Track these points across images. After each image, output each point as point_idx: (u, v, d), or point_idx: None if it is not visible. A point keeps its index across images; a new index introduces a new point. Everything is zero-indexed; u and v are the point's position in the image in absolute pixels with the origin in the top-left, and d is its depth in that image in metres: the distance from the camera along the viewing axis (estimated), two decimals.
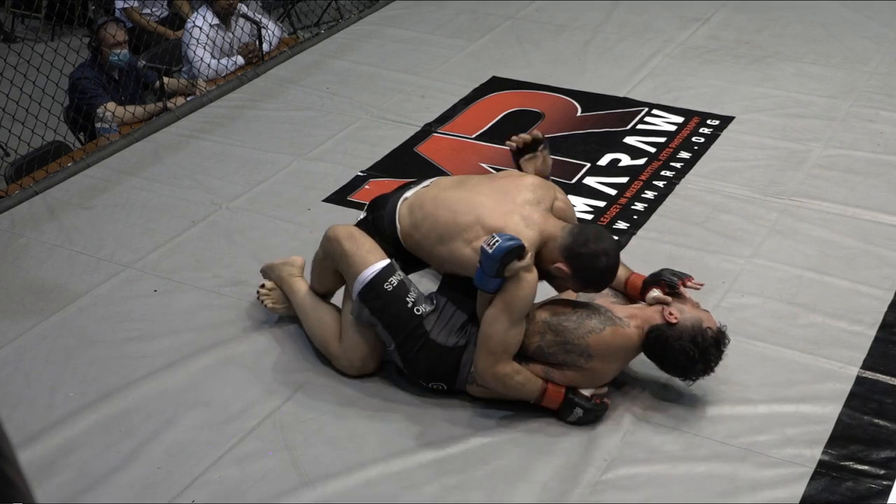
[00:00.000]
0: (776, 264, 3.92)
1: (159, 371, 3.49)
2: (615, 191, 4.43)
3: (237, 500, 2.95)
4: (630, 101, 5.21)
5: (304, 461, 3.08)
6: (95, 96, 5.26)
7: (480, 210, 3.14)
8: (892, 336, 3.52)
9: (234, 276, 3.97)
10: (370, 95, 5.37)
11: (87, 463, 3.12)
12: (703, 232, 4.12)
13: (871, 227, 4.12)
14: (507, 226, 3.04)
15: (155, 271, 4.02)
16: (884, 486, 2.93)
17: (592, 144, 4.82)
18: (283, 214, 4.37)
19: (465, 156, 4.77)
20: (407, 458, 3.08)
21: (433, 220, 3.22)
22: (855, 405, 3.23)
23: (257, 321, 3.71)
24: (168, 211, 4.43)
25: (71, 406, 3.35)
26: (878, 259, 3.93)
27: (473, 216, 3.13)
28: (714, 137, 4.83)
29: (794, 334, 3.54)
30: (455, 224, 3.15)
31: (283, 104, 5.35)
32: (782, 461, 3.02)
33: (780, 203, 4.30)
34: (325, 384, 3.40)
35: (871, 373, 3.36)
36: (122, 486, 3.02)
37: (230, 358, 3.54)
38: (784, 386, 3.31)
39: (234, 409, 3.30)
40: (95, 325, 3.74)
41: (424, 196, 3.32)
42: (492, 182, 3.34)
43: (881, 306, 3.67)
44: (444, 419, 3.23)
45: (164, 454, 3.14)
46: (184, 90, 5.64)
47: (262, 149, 4.91)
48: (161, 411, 3.31)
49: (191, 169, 4.76)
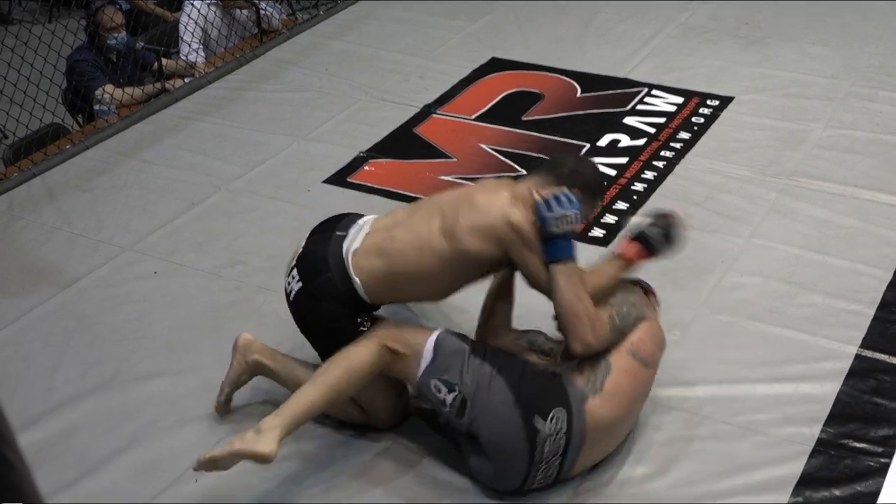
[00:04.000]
0: (775, 244, 3.92)
1: (159, 353, 3.49)
2: (615, 171, 4.43)
3: (240, 482, 2.96)
4: (630, 81, 5.20)
5: (303, 442, 3.09)
6: (93, 78, 5.25)
7: (457, 204, 2.91)
8: (890, 315, 3.53)
9: (234, 257, 3.97)
10: (369, 76, 5.36)
11: (87, 446, 3.12)
12: (703, 212, 4.11)
13: (870, 207, 4.12)
14: (492, 203, 2.84)
15: (154, 253, 4.02)
16: (882, 463, 2.94)
17: (592, 125, 4.81)
18: (282, 196, 4.37)
19: (464, 137, 4.77)
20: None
21: (409, 243, 2.89)
22: (853, 384, 3.23)
23: (257, 303, 3.71)
24: (167, 193, 4.42)
25: (71, 389, 3.35)
26: (877, 238, 3.93)
27: (455, 208, 2.88)
28: (714, 118, 4.82)
29: (793, 314, 3.55)
30: (443, 226, 2.87)
31: (281, 85, 5.34)
32: (781, 440, 3.03)
33: (779, 183, 4.29)
34: None
35: (869, 352, 3.37)
36: (123, 469, 3.03)
37: (230, 340, 3.52)
38: (783, 365, 3.31)
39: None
40: (95, 307, 3.74)
41: (379, 238, 2.93)
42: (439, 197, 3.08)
43: (880, 285, 3.67)
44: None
45: (163, 435, 3.14)
46: (182, 72, 5.62)
47: (262, 130, 4.90)
48: (161, 392, 3.32)
49: (190, 150, 4.76)
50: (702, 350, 3.38)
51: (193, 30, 5.71)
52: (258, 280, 3.84)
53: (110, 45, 5.32)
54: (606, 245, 3.89)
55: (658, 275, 3.67)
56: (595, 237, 3.97)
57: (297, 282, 2.96)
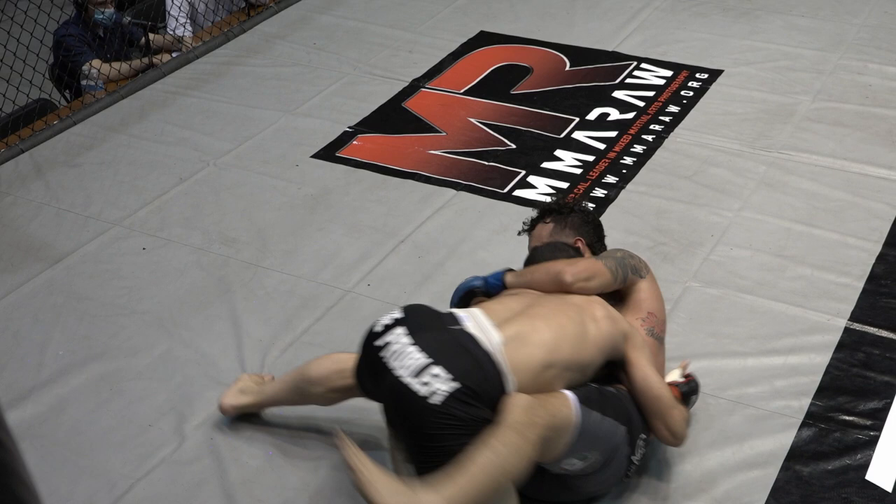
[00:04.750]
0: (765, 217, 3.91)
1: (149, 329, 3.48)
2: (604, 145, 4.41)
3: (231, 458, 2.96)
4: (619, 55, 5.17)
5: (292, 416, 3.08)
6: (80, 53, 5.20)
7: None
8: (879, 288, 3.53)
9: (223, 232, 3.95)
10: (358, 51, 5.33)
11: (78, 421, 3.11)
12: (692, 185, 4.10)
13: (859, 180, 4.11)
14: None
15: (143, 229, 4.00)
16: (871, 436, 2.95)
17: (581, 99, 4.79)
18: (271, 171, 4.35)
19: (453, 111, 4.74)
20: None
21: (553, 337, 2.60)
22: (843, 357, 3.24)
23: (246, 277, 3.69)
24: (156, 168, 4.39)
25: (60, 364, 3.34)
26: (866, 211, 3.93)
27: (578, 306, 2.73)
28: (703, 91, 4.80)
29: (783, 287, 3.55)
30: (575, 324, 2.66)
31: (270, 60, 5.30)
32: (771, 413, 3.03)
33: (768, 156, 4.29)
34: (314, 341, 3.40)
35: (858, 324, 3.37)
36: (114, 445, 3.02)
37: (220, 315, 3.53)
38: (772, 338, 3.31)
39: (223, 366, 3.29)
40: (84, 283, 3.72)
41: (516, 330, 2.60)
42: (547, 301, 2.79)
43: (869, 258, 3.67)
44: None
45: (155, 412, 3.13)
46: (170, 46, 5.58)
47: (250, 105, 4.87)
48: (151, 369, 3.30)
49: (178, 126, 4.73)
50: (691, 323, 3.38)
51: (181, 4, 5.66)
52: (247, 255, 3.82)
53: (97, 20, 5.27)
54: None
55: (647, 249, 3.68)
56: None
57: (448, 381, 2.41)
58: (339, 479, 2.86)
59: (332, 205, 4.10)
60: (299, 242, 3.89)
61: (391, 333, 2.55)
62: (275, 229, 3.97)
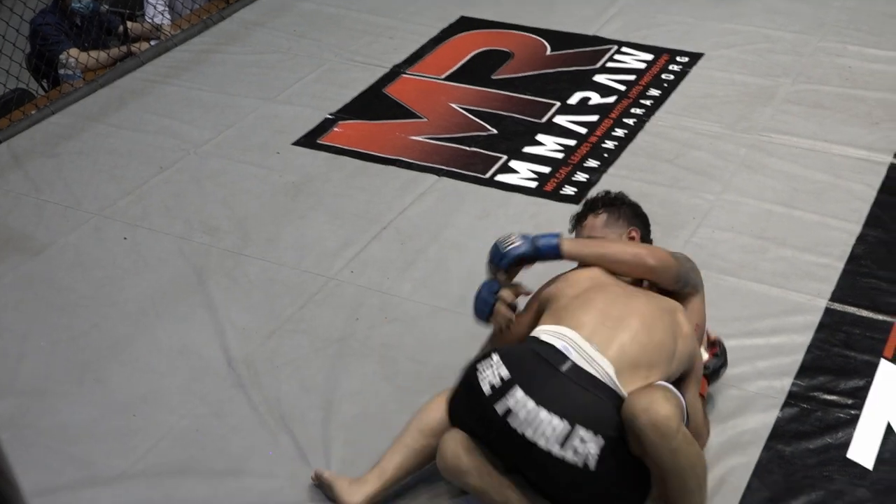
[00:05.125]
0: (746, 199, 3.93)
1: (131, 318, 3.47)
2: (585, 129, 4.41)
3: (215, 448, 2.96)
4: (599, 39, 5.17)
5: (282, 409, 3.08)
6: (57, 42, 5.16)
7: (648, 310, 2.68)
8: (860, 268, 3.55)
9: (205, 221, 3.94)
10: (338, 37, 5.31)
11: (61, 412, 3.10)
12: (674, 168, 4.12)
13: (839, 161, 4.13)
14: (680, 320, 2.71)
15: (124, 218, 3.99)
16: (852, 415, 2.97)
17: (562, 83, 4.79)
18: (252, 159, 4.34)
19: (435, 97, 4.74)
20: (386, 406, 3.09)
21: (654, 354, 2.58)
22: (824, 337, 3.26)
23: (229, 266, 3.69)
24: (135, 157, 4.38)
25: (43, 356, 3.33)
26: (846, 192, 3.94)
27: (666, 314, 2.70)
28: (683, 74, 4.81)
29: (764, 268, 3.56)
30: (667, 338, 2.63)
31: (249, 47, 5.28)
32: (753, 393, 3.05)
33: (749, 138, 4.30)
34: (297, 328, 3.40)
35: (839, 304, 3.39)
36: (98, 435, 3.01)
37: (202, 304, 3.53)
38: (754, 319, 3.33)
39: (207, 355, 3.29)
40: (65, 273, 3.71)
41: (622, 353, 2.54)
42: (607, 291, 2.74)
43: (849, 239, 3.69)
44: None
45: (139, 401, 3.13)
46: (148, 35, 5.54)
47: (230, 93, 4.86)
48: (134, 359, 3.30)
49: (157, 114, 4.71)
50: None
51: None
52: (229, 244, 3.81)
53: (74, 9, 5.23)
54: (577, 202, 3.88)
55: None
56: (566, 195, 3.97)
57: (593, 440, 2.39)
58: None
59: (314, 192, 4.10)
60: (281, 230, 3.88)
61: (511, 398, 2.43)
62: (256, 217, 3.97)
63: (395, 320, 3.41)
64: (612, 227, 3.00)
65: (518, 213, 3.90)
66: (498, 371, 2.48)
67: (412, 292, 3.53)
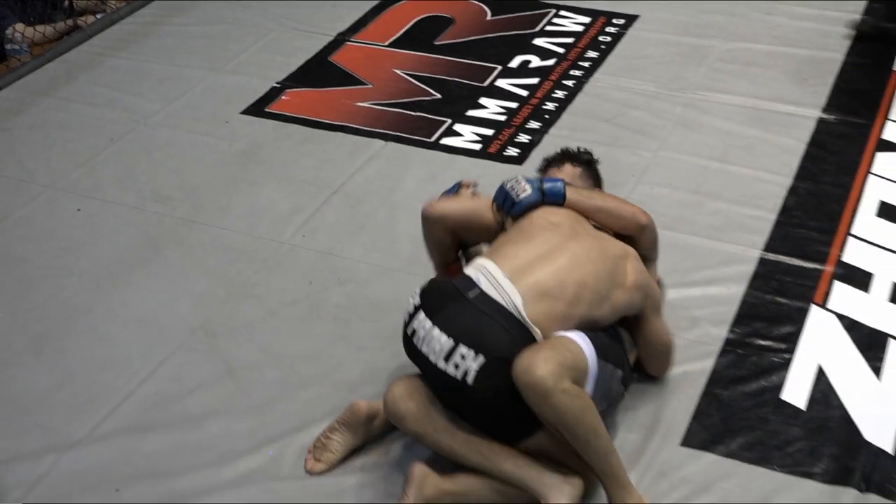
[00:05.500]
0: (682, 156, 3.98)
1: (87, 288, 3.46)
2: (526, 91, 4.44)
3: (174, 411, 2.97)
4: (538, 3, 5.18)
5: (239, 371, 3.10)
6: (3, 17, 5.08)
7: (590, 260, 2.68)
8: (791, 219, 3.62)
9: (157, 191, 3.93)
10: (282, 7, 5.27)
11: (22, 380, 3.10)
12: (613, 128, 4.16)
13: (770, 117, 4.19)
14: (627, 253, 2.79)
15: (76, 190, 3.96)
16: (785, 359, 3.04)
17: (502, 47, 4.80)
18: (201, 128, 4.31)
19: (379, 63, 4.73)
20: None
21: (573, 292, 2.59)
22: (758, 285, 3.32)
23: (182, 234, 3.68)
24: (86, 130, 4.33)
25: (1, 326, 3.31)
26: (777, 147, 4.01)
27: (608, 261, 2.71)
28: (620, 36, 4.85)
29: (701, 222, 3.62)
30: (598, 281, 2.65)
31: (195, 19, 5.23)
32: (692, 341, 3.11)
33: (684, 97, 4.35)
34: (252, 293, 3.41)
35: (772, 254, 3.45)
36: (59, 403, 3.01)
37: (157, 272, 3.52)
38: (692, 271, 3.38)
39: (164, 321, 3.29)
40: (20, 245, 3.68)
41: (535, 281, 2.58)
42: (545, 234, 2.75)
43: (781, 191, 3.76)
44: None
45: (98, 369, 3.12)
46: (94, 8, 5.46)
47: (178, 64, 4.81)
48: (92, 327, 3.29)
49: (106, 87, 4.65)
50: None
51: None
52: (182, 212, 3.80)
53: None
54: (520, 163, 3.92)
55: None
56: (510, 156, 4.00)
57: (474, 358, 2.45)
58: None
59: (264, 160, 4.09)
60: (233, 198, 3.87)
61: (416, 320, 2.57)
62: (208, 186, 3.95)
63: (347, 282, 3.43)
64: (584, 182, 3.05)
65: (463, 174, 3.85)
66: (413, 301, 2.62)
67: (363, 255, 3.55)
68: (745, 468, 2.73)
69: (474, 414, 2.56)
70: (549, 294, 2.56)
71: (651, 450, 2.78)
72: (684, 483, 2.70)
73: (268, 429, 2.88)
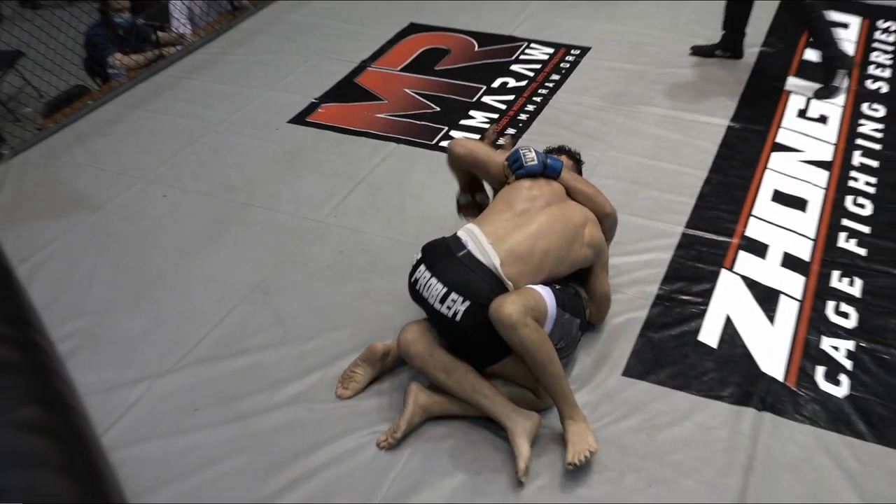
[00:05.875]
0: (624, 154, 3.94)
1: (171, 255, 3.43)
2: (505, 105, 4.39)
3: (239, 349, 2.95)
4: (514, 38, 5.12)
5: (287, 319, 3.08)
6: (106, 49, 5.01)
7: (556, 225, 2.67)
8: (706, 203, 3.59)
9: (224, 182, 3.89)
10: (319, 40, 5.21)
11: (122, 326, 3.08)
12: (571, 133, 4.11)
13: (690, 125, 4.15)
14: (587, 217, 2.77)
15: (162, 181, 3.92)
16: (701, 310, 3.03)
17: (487, 72, 4.75)
18: (257, 134, 4.27)
19: (393, 84, 4.68)
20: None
21: (540, 257, 2.59)
22: (681, 254, 3.30)
23: (243, 215, 3.65)
24: (169, 135, 4.29)
25: (106, 287, 3.29)
26: (695, 148, 3.97)
27: (570, 229, 2.69)
28: (576, 63, 4.79)
29: (638, 205, 3.59)
30: (560, 247, 2.64)
31: (253, 50, 5.17)
32: (631, 297, 3.10)
33: (625, 110, 4.30)
34: (297, 260, 3.38)
35: (692, 230, 3.43)
36: (153, 341, 3.00)
37: (224, 244, 3.49)
38: (631, 243, 3.36)
39: (230, 281, 3.27)
40: (120, 223, 3.65)
41: (509, 246, 2.57)
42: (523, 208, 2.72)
43: (699, 182, 3.73)
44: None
45: (180, 317, 3.11)
46: (174, 41, 5.39)
47: (239, 85, 4.76)
48: (175, 286, 3.27)
49: (184, 102, 4.60)
50: None
51: (181, 8, 5.47)
52: (243, 198, 3.77)
53: (118, 23, 5.08)
54: None
55: None
56: None
57: (462, 303, 2.45)
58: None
59: (305, 158, 4.05)
60: (281, 187, 3.84)
61: (418, 271, 2.56)
62: (262, 178, 3.92)
63: (369, 251, 3.41)
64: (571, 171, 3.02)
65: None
66: (416, 256, 2.61)
67: (381, 230, 3.52)
68: (671, 392, 2.72)
69: (462, 342, 2.54)
70: (521, 259, 2.55)
71: (600, 378, 2.77)
72: (625, 403, 2.69)
73: (308, 362, 2.87)
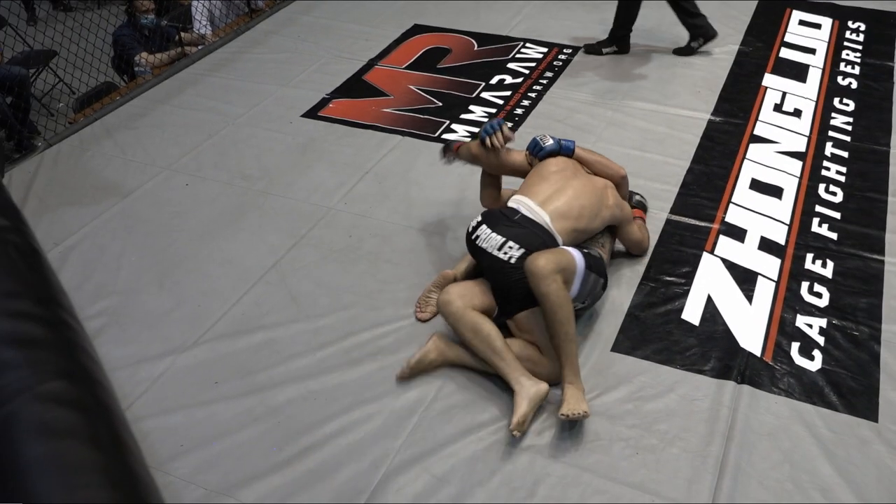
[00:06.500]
0: (612, 146, 3.89)
1: (193, 239, 3.40)
2: (502, 101, 4.34)
3: (256, 326, 2.92)
4: (511, 38, 5.06)
5: (301, 298, 3.05)
6: (132, 48, 4.96)
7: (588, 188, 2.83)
8: (689, 191, 3.55)
9: (242, 171, 3.84)
10: (330, 40, 5.15)
11: (146, 305, 3.05)
12: (563, 126, 4.07)
13: (674, 118, 4.10)
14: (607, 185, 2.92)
15: (185, 171, 3.88)
16: (684, 290, 3.00)
17: (486, 69, 4.69)
18: (273, 127, 4.22)
19: (398, 81, 4.62)
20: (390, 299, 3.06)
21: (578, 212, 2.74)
22: (665, 238, 3.26)
23: (260, 202, 3.61)
24: (191, 128, 4.24)
25: (133, 268, 3.26)
26: (679, 140, 3.93)
27: (597, 192, 2.84)
28: (568, 62, 4.73)
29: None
30: (593, 205, 2.79)
31: (268, 49, 5.11)
32: (619, 277, 3.05)
33: (614, 104, 4.25)
34: (310, 243, 3.34)
35: (675, 216, 3.39)
36: (177, 319, 2.98)
37: (242, 229, 3.46)
38: None
39: (247, 263, 3.24)
40: (146, 209, 3.61)
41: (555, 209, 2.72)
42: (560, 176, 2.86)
43: (682, 171, 3.68)
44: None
45: (201, 296, 3.08)
46: (196, 41, 5.34)
47: (256, 81, 4.70)
48: (196, 267, 3.24)
49: (205, 97, 4.55)
50: None
51: (202, 10, 5.41)
52: (260, 186, 3.73)
53: (143, 24, 5.02)
54: None
55: None
56: None
57: (517, 249, 2.57)
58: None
59: (317, 149, 4.00)
60: (296, 176, 3.80)
61: (479, 230, 2.68)
62: (278, 168, 3.87)
63: (376, 235, 3.37)
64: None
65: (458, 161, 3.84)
66: (476, 220, 2.75)
67: (387, 216, 3.49)
68: (656, 367, 2.69)
69: (508, 285, 2.58)
70: (565, 215, 2.71)
71: (590, 353, 2.75)
72: (613, 376, 2.66)
73: (321, 338, 2.84)
